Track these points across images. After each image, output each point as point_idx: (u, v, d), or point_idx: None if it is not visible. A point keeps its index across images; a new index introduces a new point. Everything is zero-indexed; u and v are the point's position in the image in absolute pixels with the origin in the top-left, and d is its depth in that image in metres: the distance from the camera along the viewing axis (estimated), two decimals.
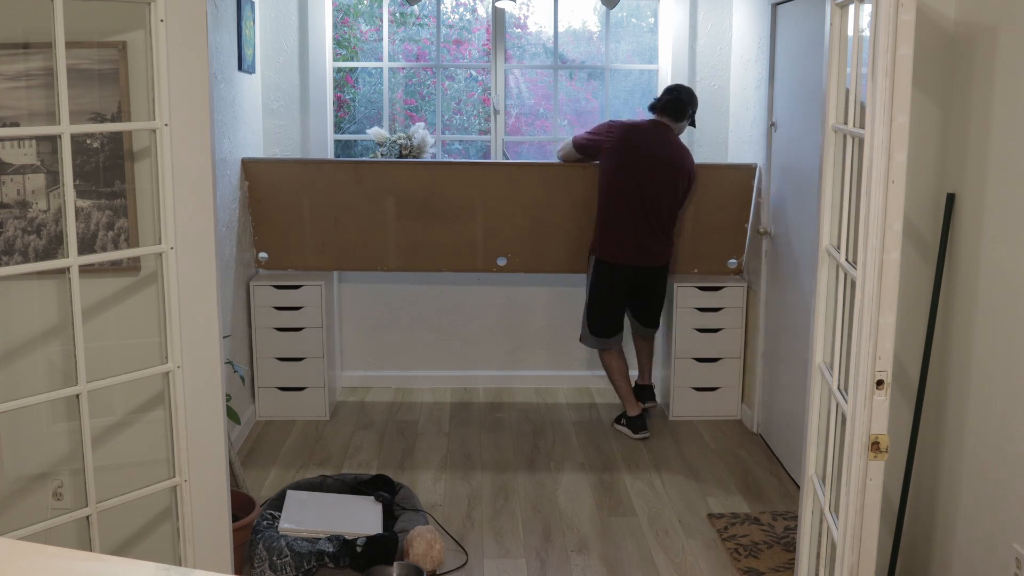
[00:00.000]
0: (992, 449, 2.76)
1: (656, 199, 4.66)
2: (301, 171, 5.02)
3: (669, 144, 4.70)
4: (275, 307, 4.93)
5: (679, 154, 4.72)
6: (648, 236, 4.69)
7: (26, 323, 2.49)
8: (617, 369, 4.93)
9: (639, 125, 4.77)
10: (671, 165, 4.67)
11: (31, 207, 2.42)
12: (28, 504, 2.54)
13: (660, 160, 4.66)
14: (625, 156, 4.67)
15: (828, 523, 2.46)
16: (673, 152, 4.70)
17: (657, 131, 4.71)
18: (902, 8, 2.05)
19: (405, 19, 5.66)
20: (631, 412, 4.88)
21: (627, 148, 4.68)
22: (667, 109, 4.72)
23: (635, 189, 4.65)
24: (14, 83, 2.36)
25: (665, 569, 3.54)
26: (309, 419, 5.00)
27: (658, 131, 4.71)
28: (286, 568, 3.26)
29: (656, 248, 4.74)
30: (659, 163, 4.66)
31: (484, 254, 5.13)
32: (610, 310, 4.85)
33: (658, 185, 4.65)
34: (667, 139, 4.70)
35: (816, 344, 2.62)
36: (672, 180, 4.68)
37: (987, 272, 2.80)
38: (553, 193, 5.02)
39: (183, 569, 1.18)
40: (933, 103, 3.03)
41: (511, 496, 4.16)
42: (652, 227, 4.69)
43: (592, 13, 5.67)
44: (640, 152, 4.67)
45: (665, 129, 4.71)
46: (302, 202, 5.01)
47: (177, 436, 2.40)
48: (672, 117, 4.72)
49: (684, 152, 4.77)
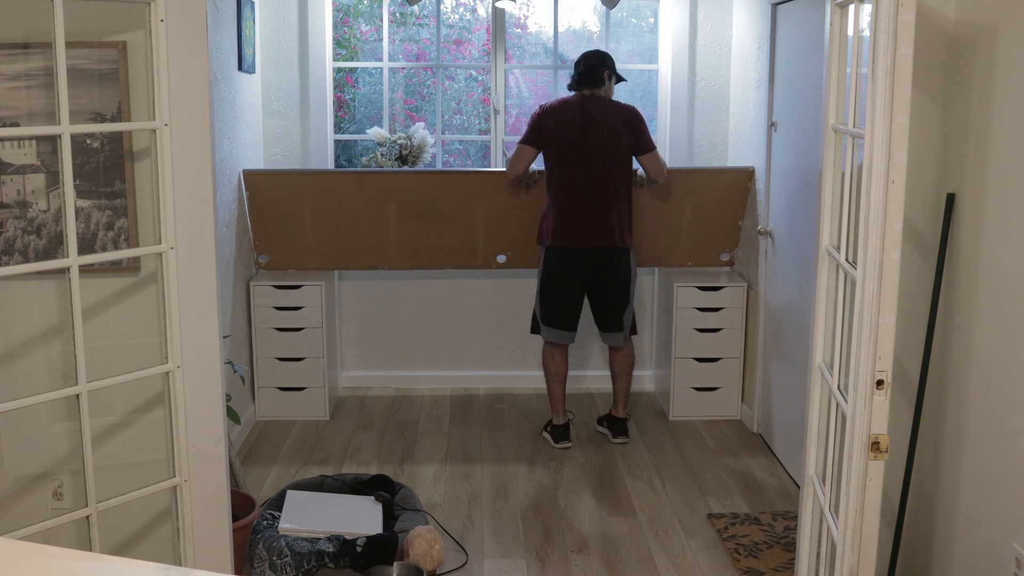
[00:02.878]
0: (992, 449, 2.76)
1: (597, 173, 4.46)
2: (302, 181, 5.04)
3: (594, 112, 4.48)
4: (275, 307, 4.94)
5: (608, 114, 4.49)
6: (595, 216, 4.48)
7: (26, 323, 2.49)
8: (555, 372, 4.71)
9: (559, 105, 4.55)
10: (602, 130, 4.46)
11: (31, 207, 2.41)
12: (28, 504, 2.54)
13: (590, 131, 4.46)
14: (554, 140, 4.50)
15: (828, 523, 2.46)
16: (601, 118, 4.47)
17: (580, 104, 4.49)
18: (902, 8, 2.05)
19: (405, 19, 5.67)
20: (556, 420, 4.72)
21: (552, 132, 4.50)
22: (584, 80, 4.53)
23: (575, 169, 4.48)
24: (14, 83, 2.36)
25: (665, 569, 3.54)
26: (309, 419, 5.00)
27: (581, 104, 4.49)
28: (286, 568, 3.26)
29: (604, 228, 4.49)
30: (589, 134, 4.46)
31: (484, 252, 5.17)
32: (560, 299, 4.60)
33: (595, 158, 4.45)
34: (591, 108, 4.48)
35: (816, 344, 2.62)
36: (609, 143, 4.46)
37: (987, 272, 2.80)
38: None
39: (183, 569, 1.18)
40: (933, 103, 3.03)
41: (511, 496, 4.16)
42: (598, 205, 4.47)
43: (592, 13, 5.67)
44: (565, 131, 4.48)
45: (589, 100, 4.50)
46: (303, 209, 5.03)
47: (177, 436, 2.40)
48: (592, 85, 4.51)
49: (614, 109, 4.52)
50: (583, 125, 4.48)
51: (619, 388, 4.78)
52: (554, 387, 4.74)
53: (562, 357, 4.73)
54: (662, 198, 5.06)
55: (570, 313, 4.64)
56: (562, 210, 4.53)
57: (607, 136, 4.48)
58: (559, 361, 4.72)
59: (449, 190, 5.04)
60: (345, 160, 5.67)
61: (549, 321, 4.65)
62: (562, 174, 4.53)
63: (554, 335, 4.67)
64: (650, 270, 5.51)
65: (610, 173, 4.50)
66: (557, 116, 4.52)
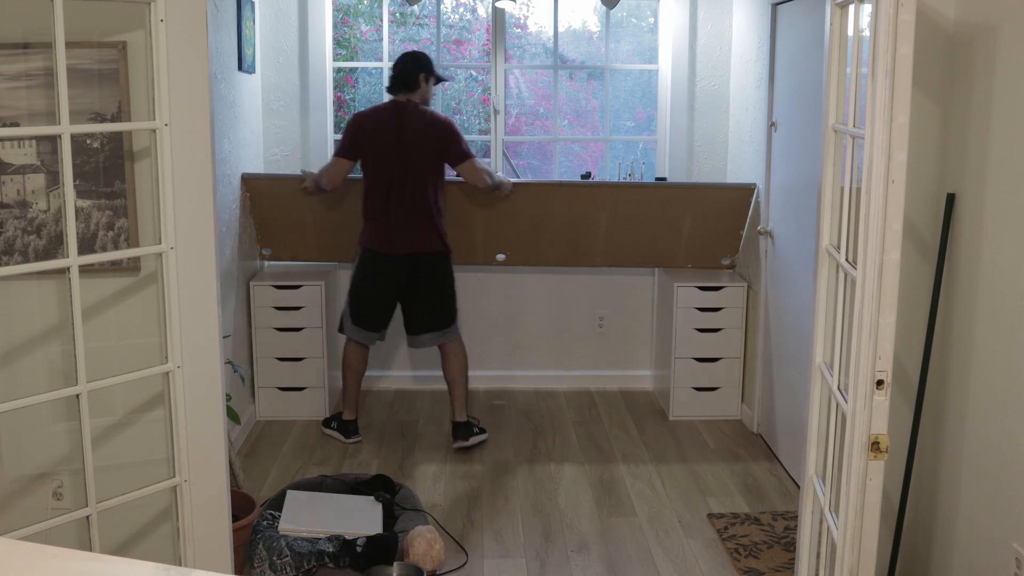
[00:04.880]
0: (992, 449, 2.76)
1: (406, 182, 4.45)
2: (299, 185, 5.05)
3: (404, 122, 4.45)
4: (275, 307, 4.94)
5: (420, 123, 4.46)
6: (403, 224, 4.48)
7: (26, 323, 2.49)
8: (353, 367, 4.72)
9: (373, 113, 4.56)
10: (413, 139, 4.44)
11: (31, 207, 2.41)
12: (28, 504, 2.54)
13: (401, 140, 4.44)
14: (363, 149, 4.51)
15: (828, 523, 2.46)
16: (411, 129, 4.45)
17: (393, 111, 4.49)
18: (902, 8, 2.05)
19: (405, 19, 5.67)
20: (345, 415, 4.74)
21: (362, 141, 4.51)
22: (398, 84, 4.52)
23: (382, 177, 4.47)
24: (14, 83, 2.36)
25: (665, 569, 3.54)
26: (309, 419, 5.00)
27: (394, 111, 4.49)
28: (286, 568, 3.26)
29: (411, 235, 4.49)
30: (400, 144, 4.45)
31: (483, 251, 5.18)
32: (370, 299, 4.63)
33: (405, 167, 4.44)
34: (402, 117, 4.46)
35: (816, 344, 2.62)
36: (419, 152, 4.44)
37: (987, 272, 2.80)
38: (551, 205, 5.04)
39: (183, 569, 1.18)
40: (933, 103, 3.03)
41: (511, 496, 4.16)
42: (403, 213, 4.46)
43: (592, 13, 5.67)
44: (379, 140, 4.47)
45: (400, 107, 4.48)
46: (303, 209, 5.06)
47: (177, 436, 2.40)
48: (406, 89, 4.49)
49: (426, 119, 4.48)
50: (395, 133, 4.46)
51: (452, 390, 4.73)
52: (349, 383, 4.75)
53: (362, 355, 4.73)
54: (663, 208, 5.06)
55: (377, 315, 4.66)
56: (373, 217, 4.54)
57: (418, 145, 4.46)
58: (358, 357, 4.72)
59: (447, 197, 5.05)
60: None
61: (357, 321, 4.66)
62: (373, 181, 4.52)
63: (361, 335, 4.67)
64: (650, 271, 5.52)
65: (417, 183, 4.47)
66: (371, 124, 4.51)
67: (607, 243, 5.15)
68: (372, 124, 4.51)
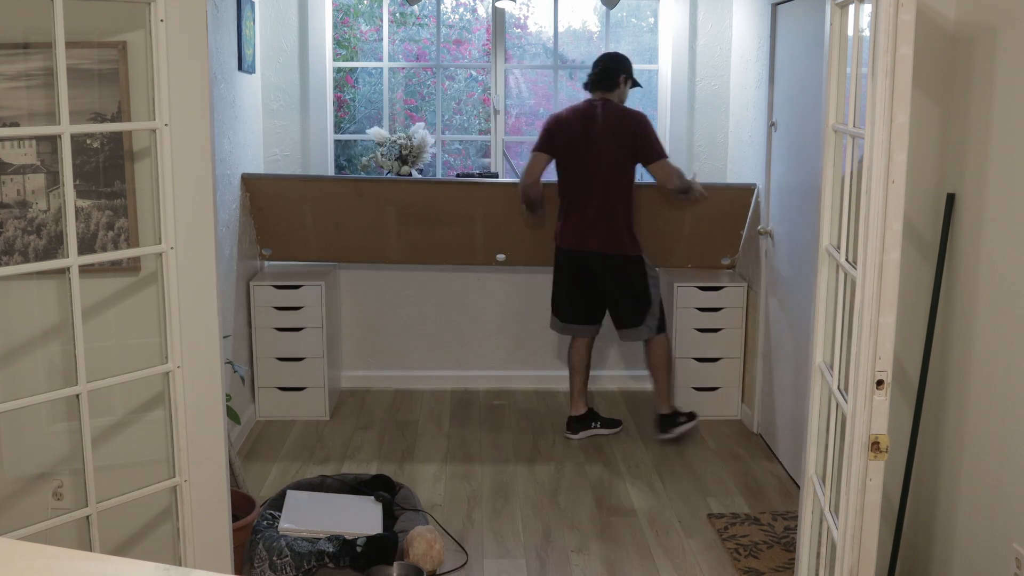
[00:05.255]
0: (992, 449, 2.76)
1: (597, 180, 4.53)
2: (301, 185, 5.08)
3: (597, 120, 4.54)
4: (275, 307, 4.94)
5: (613, 121, 4.54)
6: (590, 223, 4.57)
7: (26, 323, 2.49)
8: (574, 364, 4.87)
9: (568, 112, 4.64)
10: (605, 138, 4.51)
11: (31, 207, 2.41)
12: (28, 504, 2.54)
13: (593, 138, 4.52)
14: (557, 144, 4.60)
15: (828, 523, 2.46)
16: (602, 127, 4.52)
17: (588, 110, 4.58)
18: (902, 8, 2.05)
19: (405, 19, 5.67)
20: (571, 411, 4.88)
21: (557, 137, 4.60)
22: (598, 83, 4.61)
23: (574, 175, 4.58)
24: (14, 83, 2.36)
25: (665, 569, 3.54)
26: (309, 419, 5.00)
27: (586, 111, 4.58)
28: (286, 568, 3.26)
29: (595, 235, 4.57)
30: (593, 142, 4.52)
31: (484, 251, 5.18)
32: (565, 294, 4.77)
33: (596, 166, 4.52)
34: (595, 115, 4.55)
35: (816, 344, 2.62)
36: (610, 151, 4.51)
37: (987, 272, 2.80)
38: (551, 204, 5.03)
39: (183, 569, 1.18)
40: (933, 103, 3.03)
41: (511, 496, 4.16)
42: (594, 211, 4.55)
43: (592, 13, 5.67)
44: (573, 139, 4.56)
45: (596, 105, 4.56)
46: (304, 210, 5.07)
47: (177, 436, 2.40)
48: (604, 89, 4.60)
49: (620, 117, 4.56)
50: (587, 133, 4.55)
51: (655, 382, 4.84)
52: (572, 378, 4.89)
53: (581, 349, 4.86)
54: (662, 206, 5.05)
55: (577, 309, 4.78)
56: (567, 215, 4.65)
57: (608, 144, 4.53)
58: (577, 352, 4.87)
59: (448, 197, 5.08)
60: (345, 160, 5.67)
61: (563, 318, 4.83)
62: (567, 180, 4.64)
63: (564, 328, 4.84)
64: None
65: (608, 182, 4.54)
66: (567, 123, 4.61)
67: None
68: (567, 122, 4.60)
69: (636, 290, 4.67)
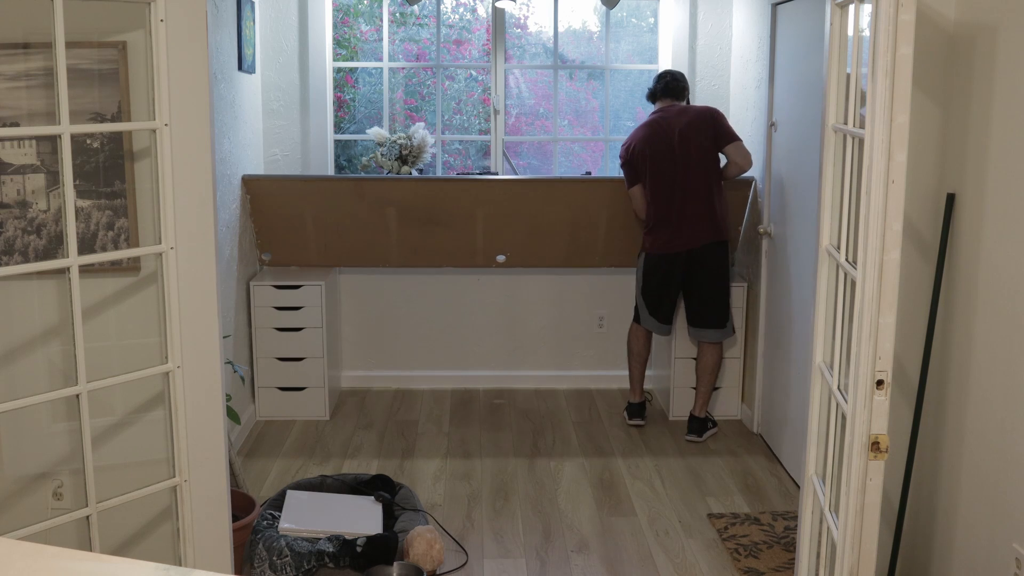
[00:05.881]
0: (992, 449, 2.76)
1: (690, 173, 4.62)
2: (301, 185, 5.07)
3: (674, 120, 4.67)
4: (275, 307, 4.94)
5: (689, 117, 4.68)
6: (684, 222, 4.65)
7: (26, 323, 2.48)
8: (634, 351, 4.99)
9: (635, 132, 4.78)
10: (686, 133, 4.62)
11: (31, 207, 2.41)
12: (28, 504, 2.54)
13: (673, 139, 4.63)
14: (640, 168, 4.71)
15: (828, 523, 2.46)
16: (683, 123, 4.65)
17: (660, 119, 4.70)
18: (902, 8, 2.05)
19: (405, 19, 5.66)
20: (631, 398, 5.04)
21: (637, 162, 4.72)
22: (668, 92, 4.76)
23: (662, 183, 4.66)
24: (14, 83, 2.36)
25: (665, 569, 3.54)
26: (309, 419, 5.00)
27: (661, 118, 4.70)
28: (286, 568, 3.26)
29: (690, 231, 4.65)
30: (673, 142, 4.63)
31: (484, 253, 5.19)
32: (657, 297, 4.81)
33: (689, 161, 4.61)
34: (671, 116, 4.68)
35: (816, 344, 2.62)
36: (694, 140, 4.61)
37: (987, 272, 2.80)
38: (551, 204, 5.05)
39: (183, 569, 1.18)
40: (933, 103, 3.03)
41: (511, 496, 4.16)
42: (689, 209, 4.64)
43: (592, 13, 5.67)
44: (644, 154, 4.68)
45: (667, 110, 4.72)
46: (303, 211, 5.07)
47: (177, 436, 2.40)
48: (673, 98, 4.77)
49: (698, 111, 4.71)
50: (668, 136, 4.65)
51: (698, 384, 4.87)
52: (633, 366, 5.00)
53: (642, 336, 4.96)
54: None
55: (658, 307, 4.85)
56: (657, 223, 4.72)
57: (698, 138, 4.63)
58: (637, 338, 4.97)
59: (449, 196, 5.07)
60: (345, 160, 5.67)
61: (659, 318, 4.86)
62: (659, 189, 4.69)
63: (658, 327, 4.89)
64: None
65: (700, 171, 4.64)
66: (642, 140, 4.71)
67: (607, 243, 5.16)
68: (642, 139, 4.72)
69: (727, 281, 4.78)
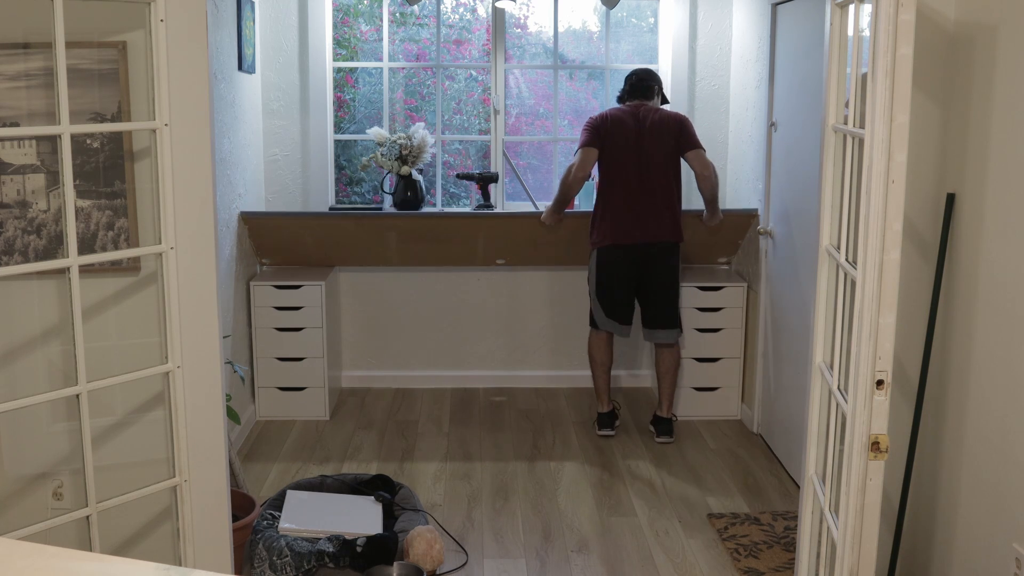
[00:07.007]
0: (992, 449, 2.76)
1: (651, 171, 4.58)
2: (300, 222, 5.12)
3: (648, 116, 4.62)
4: (275, 307, 4.94)
5: (658, 118, 4.62)
6: (640, 214, 4.60)
7: (26, 323, 2.49)
8: (596, 360, 4.86)
9: (612, 112, 4.69)
10: (653, 132, 4.59)
11: (31, 207, 2.41)
12: (28, 504, 2.54)
13: (642, 133, 4.59)
14: (605, 140, 4.61)
15: (828, 523, 2.46)
16: (653, 122, 4.60)
17: (633, 112, 4.65)
18: (902, 8, 2.05)
19: (405, 19, 5.66)
20: (599, 408, 4.90)
21: (603, 132, 4.62)
22: (635, 92, 4.69)
23: (630, 170, 4.59)
24: (14, 83, 2.36)
25: (665, 569, 3.54)
26: (309, 419, 5.01)
27: (634, 111, 4.65)
28: (286, 568, 3.26)
29: (659, 223, 4.61)
30: (642, 137, 4.59)
31: (484, 255, 5.23)
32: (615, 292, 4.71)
33: (651, 157, 4.57)
34: (644, 114, 4.63)
35: (816, 344, 2.62)
36: (661, 144, 4.58)
37: (987, 272, 2.80)
38: (552, 230, 5.03)
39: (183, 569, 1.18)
40: (933, 103, 3.03)
41: (511, 496, 4.16)
42: (647, 202, 4.59)
43: (592, 13, 5.67)
44: (617, 136, 4.60)
45: (635, 107, 4.66)
46: (304, 238, 5.14)
47: (177, 436, 2.40)
48: (643, 96, 4.69)
49: (664, 115, 4.65)
50: (640, 128, 4.61)
51: (660, 384, 4.84)
52: (597, 375, 4.88)
53: (602, 342, 4.84)
54: None
55: (624, 307, 4.77)
56: (616, 211, 4.64)
57: (662, 137, 4.60)
58: (598, 346, 4.85)
59: (449, 228, 5.15)
60: (345, 160, 5.67)
61: (612, 315, 4.76)
62: (615, 175, 4.64)
63: (616, 328, 4.78)
64: None
65: (667, 171, 4.62)
66: (616, 120, 4.65)
67: None
68: (616, 119, 4.65)
69: (678, 282, 4.74)
